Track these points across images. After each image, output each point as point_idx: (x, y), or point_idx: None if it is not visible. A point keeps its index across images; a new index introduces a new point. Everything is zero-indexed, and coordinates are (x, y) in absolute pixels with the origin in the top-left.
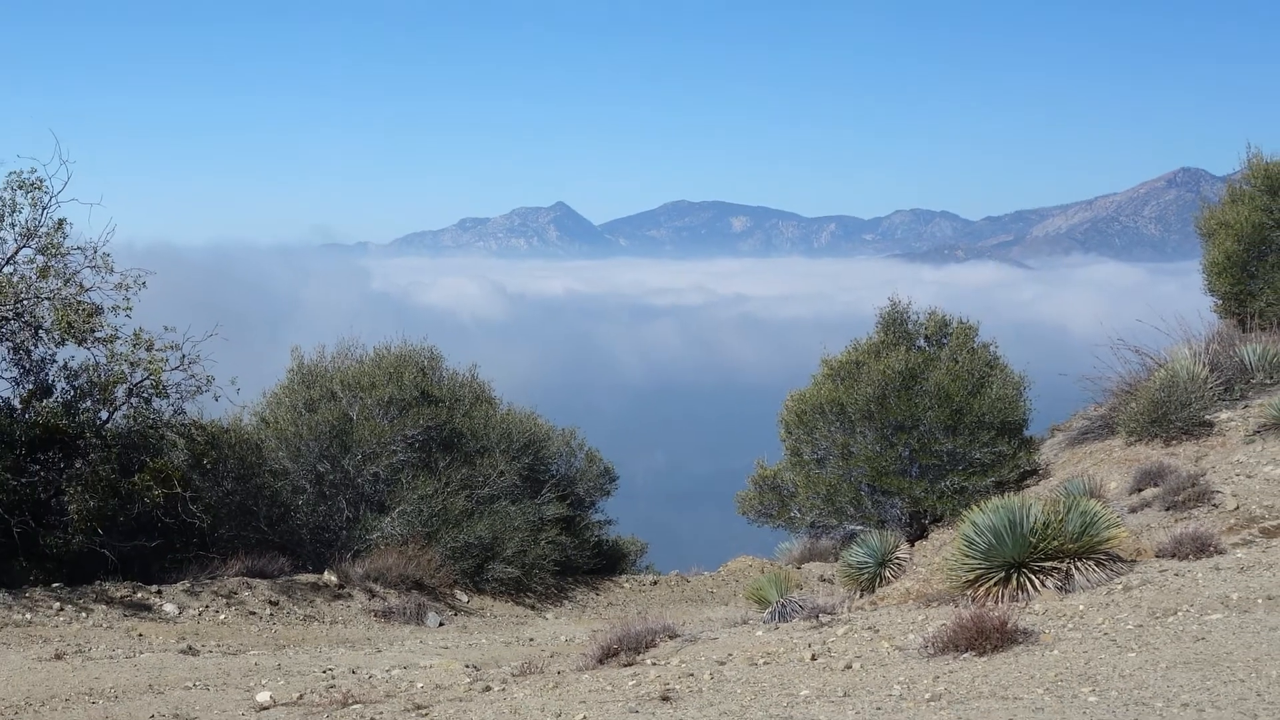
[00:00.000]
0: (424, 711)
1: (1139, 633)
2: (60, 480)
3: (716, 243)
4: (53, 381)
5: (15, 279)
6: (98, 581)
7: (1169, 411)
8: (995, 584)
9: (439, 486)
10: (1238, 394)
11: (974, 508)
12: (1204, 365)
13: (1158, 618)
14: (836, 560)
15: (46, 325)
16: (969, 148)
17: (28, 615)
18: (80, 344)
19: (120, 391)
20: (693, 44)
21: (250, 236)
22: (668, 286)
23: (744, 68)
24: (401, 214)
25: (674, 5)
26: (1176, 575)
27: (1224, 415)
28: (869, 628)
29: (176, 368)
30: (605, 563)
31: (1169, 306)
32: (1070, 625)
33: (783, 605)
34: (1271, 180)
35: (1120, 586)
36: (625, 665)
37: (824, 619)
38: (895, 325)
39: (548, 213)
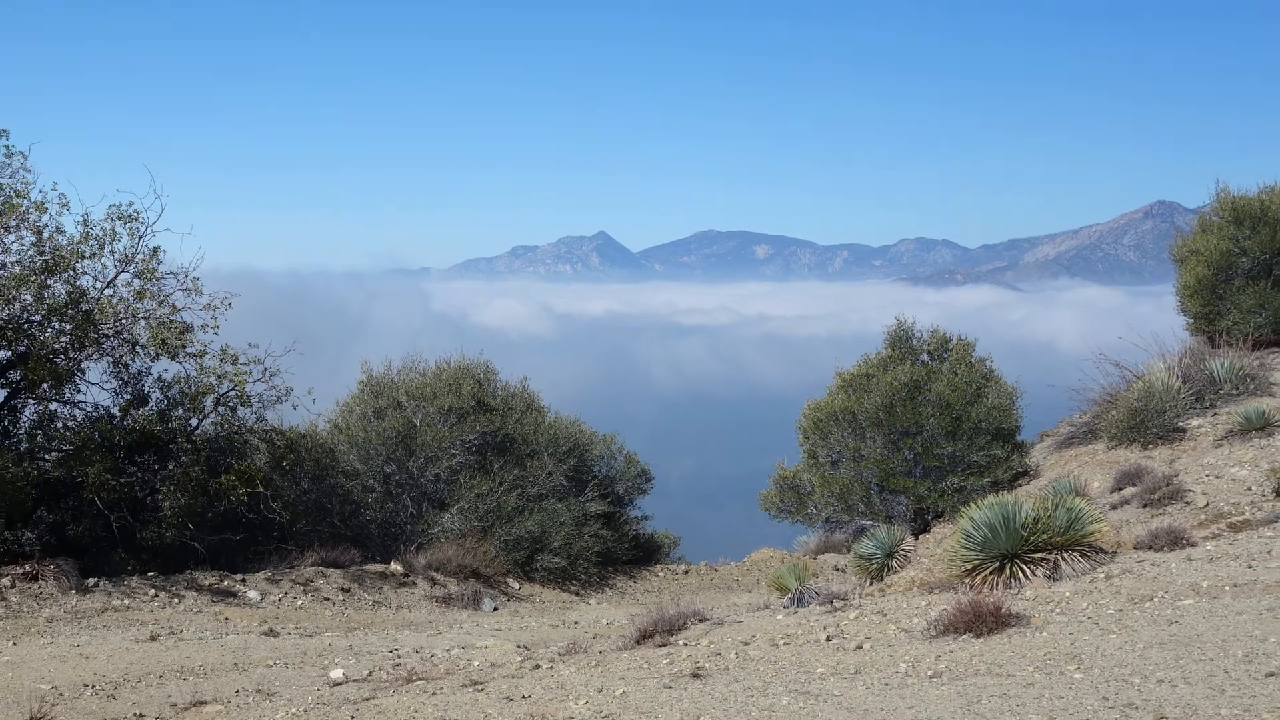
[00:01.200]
0: (480, 687)
1: (1119, 616)
2: (155, 480)
3: (741, 268)
4: (148, 392)
5: (115, 301)
6: (188, 571)
7: (1146, 419)
8: (990, 573)
9: (493, 486)
10: (1207, 403)
11: (971, 505)
12: (1177, 378)
13: (1136, 603)
14: (849, 552)
15: (143, 342)
16: (968, 181)
17: (126, 601)
18: (173, 358)
19: (209, 401)
20: (720, 85)
21: (324, 262)
22: (697, 307)
23: (768, 108)
24: (459, 242)
25: (699, 52)
26: (1153, 565)
27: (1195, 422)
28: (878, 612)
29: (259, 380)
30: (642, 554)
31: (1146, 325)
32: (1058, 610)
33: (801, 592)
34: (1238, 212)
35: (1102, 575)
36: (660, 646)
37: (838, 604)
38: (901, 342)
39: (590, 241)
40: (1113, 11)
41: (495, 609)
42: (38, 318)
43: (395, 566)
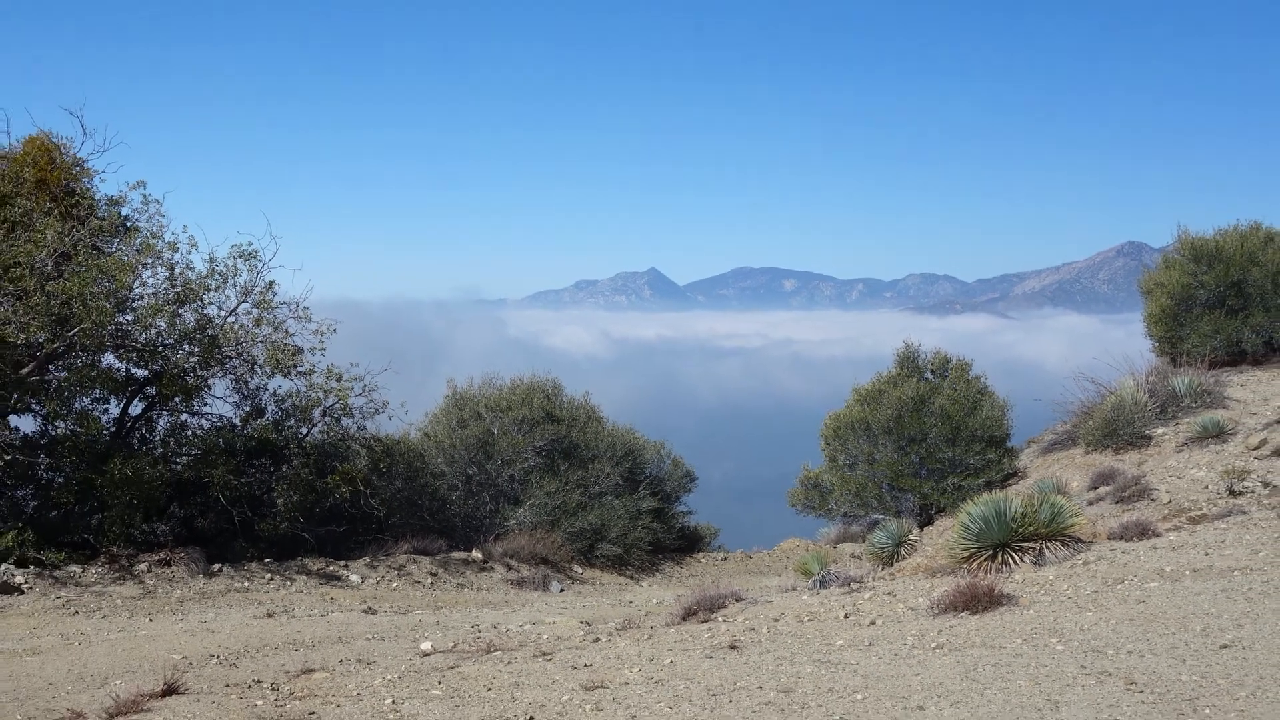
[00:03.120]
0: (548, 657)
1: (1095, 597)
2: (271, 480)
3: (772, 299)
4: (265, 405)
5: (236, 327)
6: (299, 558)
7: (1118, 428)
8: (985, 560)
9: (560, 485)
10: (1170, 415)
11: (969, 501)
12: (1144, 393)
13: (1109, 585)
14: (864, 541)
15: (260, 362)
16: (966, 223)
17: (246, 584)
18: (286, 376)
19: (317, 412)
20: (754, 141)
21: (415, 293)
22: (734, 333)
23: (794, 160)
24: (531, 276)
25: (733, 113)
26: (1123, 553)
27: (1160, 431)
28: (888, 593)
29: (359, 394)
30: (687, 543)
31: (1118, 348)
32: (1042, 591)
33: (823, 576)
34: (1196, 251)
35: (1080, 561)
36: (702, 622)
37: (854, 586)
38: (908, 362)
39: (643, 276)
40: (1087, 77)
41: (561, 590)
42: (170, 341)
43: (476, 554)
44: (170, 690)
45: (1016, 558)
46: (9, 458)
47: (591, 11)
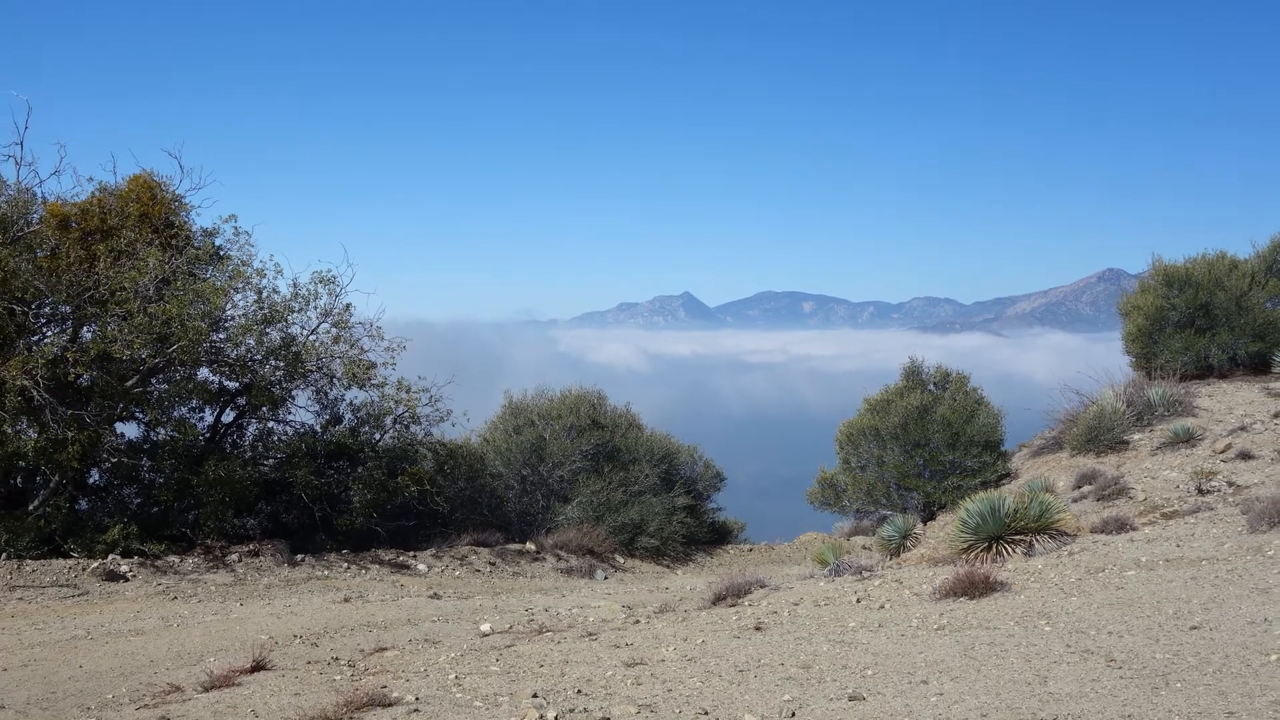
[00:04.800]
0: (594, 637)
1: (1079, 584)
2: (347, 480)
3: (792, 320)
4: (342, 413)
5: (317, 344)
6: (373, 549)
7: (1099, 434)
8: (981, 551)
9: (604, 485)
10: (1145, 422)
11: (967, 499)
12: (1123, 403)
13: (1091, 573)
14: (874, 535)
15: (338, 376)
16: (966, 250)
17: (325, 572)
18: (361, 388)
19: (388, 420)
20: (780, 178)
21: (476, 314)
22: (758, 350)
23: (812, 194)
24: (578, 299)
25: (753, 151)
26: (1104, 545)
27: (1136, 436)
28: (896, 580)
29: (426, 404)
30: (717, 536)
31: (1099, 363)
32: (1032, 579)
33: (837, 565)
34: (1168, 277)
35: (1066, 552)
36: (730, 606)
37: (865, 574)
38: (913, 375)
39: (678, 299)
40: (1072, 120)
41: (605, 578)
42: (259, 357)
43: (529, 546)
44: (258, 666)
45: (1009, 549)
46: (116, 460)
47: (639, 81)
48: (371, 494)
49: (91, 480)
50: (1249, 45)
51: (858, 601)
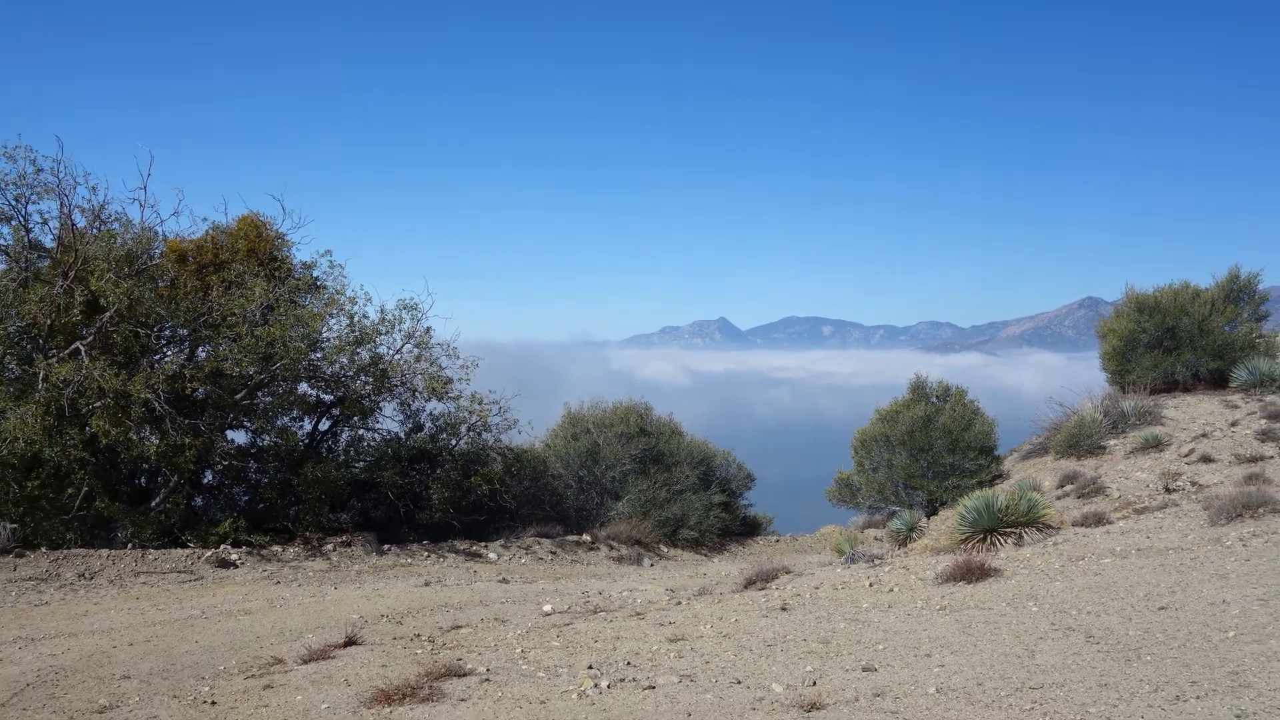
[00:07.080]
0: (641, 616)
1: (1062, 570)
2: (428, 480)
3: (813, 341)
4: (423, 422)
5: (401, 362)
6: (449, 540)
7: (1079, 440)
8: (977, 541)
9: (650, 484)
10: (1120, 430)
11: (965, 497)
12: (1100, 413)
13: (1073, 561)
14: (884, 527)
15: (419, 389)
16: (964, 280)
17: (408, 560)
18: (440, 400)
19: (463, 428)
20: (804, 212)
21: (540, 336)
22: (784, 367)
23: (831, 230)
24: (627, 322)
25: (782, 187)
26: (1084, 537)
27: (1112, 442)
28: (903, 567)
29: (496, 415)
30: (748, 529)
31: (1079, 380)
32: (1021, 566)
33: (852, 554)
34: (1140, 304)
35: (1051, 543)
36: (760, 589)
37: (876, 562)
38: (918, 390)
39: (714, 323)
40: (1051, 159)
41: (651, 565)
42: (350, 374)
43: (585, 537)
44: (350, 642)
45: (1002, 540)
46: (227, 463)
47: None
48: (448, 492)
49: (205, 480)
50: (1213, 98)
51: (870, 585)
